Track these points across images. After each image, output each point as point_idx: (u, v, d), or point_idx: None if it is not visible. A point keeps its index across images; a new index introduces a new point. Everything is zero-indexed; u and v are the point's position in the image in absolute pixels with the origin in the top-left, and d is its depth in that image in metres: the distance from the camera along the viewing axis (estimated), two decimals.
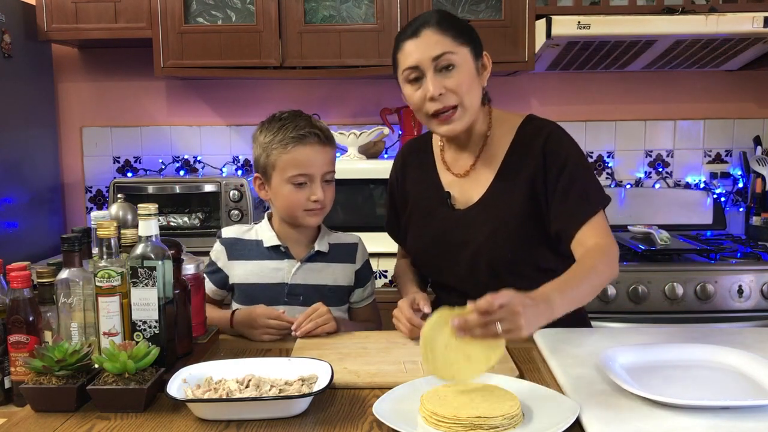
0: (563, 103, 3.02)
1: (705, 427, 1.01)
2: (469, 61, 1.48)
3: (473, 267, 1.53)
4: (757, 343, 1.38)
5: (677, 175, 3.03)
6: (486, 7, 2.63)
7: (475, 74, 1.49)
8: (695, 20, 2.38)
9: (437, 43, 1.45)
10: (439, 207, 1.60)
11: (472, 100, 1.49)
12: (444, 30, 1.46)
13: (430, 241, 1.62)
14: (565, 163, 1.48)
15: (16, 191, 2.61)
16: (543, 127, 1.54)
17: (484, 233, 1.52)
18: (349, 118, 3.01)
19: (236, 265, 1.68)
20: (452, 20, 1.50)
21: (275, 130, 1.59)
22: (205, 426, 1.09)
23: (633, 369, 1.22)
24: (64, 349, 1.17)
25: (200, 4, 2.63)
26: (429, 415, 1.04)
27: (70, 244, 1.26)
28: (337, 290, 1.69)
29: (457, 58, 1.46)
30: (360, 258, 1.73)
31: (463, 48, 1.47)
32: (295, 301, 1.64)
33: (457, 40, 1.46)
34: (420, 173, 1.67)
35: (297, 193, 1.58)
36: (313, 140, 1.57)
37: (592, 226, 1.45)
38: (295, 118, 1.60)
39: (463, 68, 1.47)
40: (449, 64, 1.46)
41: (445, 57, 1.45)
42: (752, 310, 2.34)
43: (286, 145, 1.56)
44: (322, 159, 1.59)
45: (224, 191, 2.65)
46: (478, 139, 1.57)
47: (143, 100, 3.04)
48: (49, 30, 2.64)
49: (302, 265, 1.66)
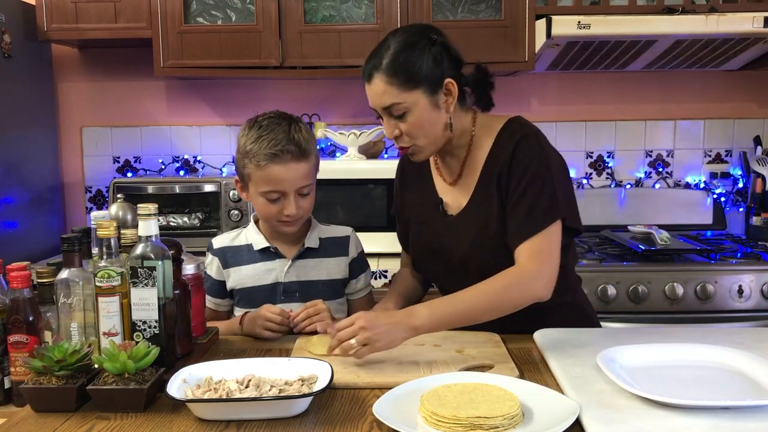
0: (563, 103, 3.02)
1: (705, 427, 1.01)
2: (421, 102, 1.44)
3: (465, 272, 1.53)
4: (757, 343, 1.38)
5: (677, 175, 3.03)
6: (486, 7, 2.63)
7: (431, 111, 1.46)
8: (695, 20, 2.38)
9: (384, 93, 1.44)
10: (433, 213, 1.61)
11: (429, 137, 1.48)
12: (391, 77, 1.43)
13: (426, 247, 1.63)
14: (524, 173, 1.46)
15: (16, 191, 2.61)
16: (516, 132, 1.51)
17: (467, 241, 1.53)
18: (349, 118, 3.01)
19: (232, 272, 1.69)
20: (405, 59, 1.43)
21: (253, 140, 1.55)
22: (205, 426, 1.09)
23: (633, 369, 1.22)
24: (64, 349, 1.16)
25: (200, 4, 2.63)
26: (429, 415, 1.04)
27: (70, 244, 1.26)
28: (332, 284, 1.70)
29: (406, 105, 1.44)
30: (353, 249, 1.74)
31: (414, 93, 1.43)
32: (291, 298, 1.66)
33: (405, 87, 1.43)
34: (417, 180, 1.67)
35: (270, 206, 1.58)
36: (287, 157, 1.54)
37: (529, 245, 1.43)
38: (273, 129, 1.55)
39: (414, 112, 1.44)
40: (401, 113, 1.45)
41: (395, 107, 1.44)
42: (752, 310, 2.34)
43: (259, 162, 1.54)
44: (296, 175, 1.56)
45: (224, 191, 2.65)
46: (461, 147, 1.56)
47: (143, 100, 3.04)
48: (49, 30, 2.64)
49: (294, 263, 1.68)
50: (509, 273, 1.41)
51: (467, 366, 1.33)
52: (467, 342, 1.47)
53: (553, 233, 1.44)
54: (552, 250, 1.44)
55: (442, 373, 1.26)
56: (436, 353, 1.41)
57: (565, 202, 1.48)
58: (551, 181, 1.46)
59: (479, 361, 1.35)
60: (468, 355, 1.39)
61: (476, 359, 1.36)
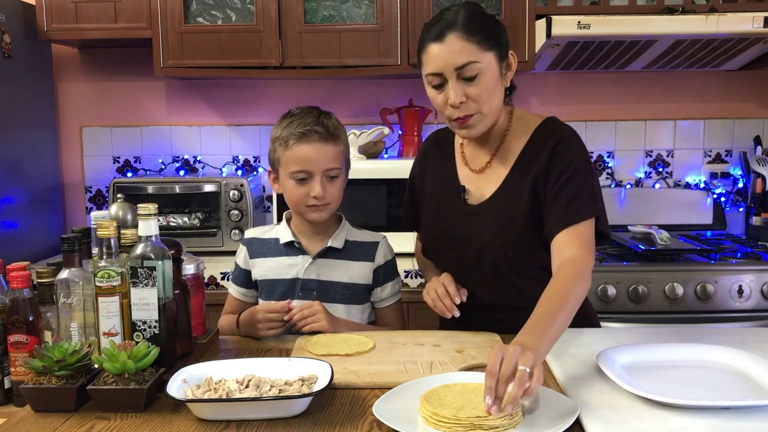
0: (563, 103, 3.02)
1: (705, 427, 1.01)
2: (493, 66, 1.44)
3: (478, 263, 1.54)
4: (757, 343, 1.38)
5: (677, 175, 3.03)
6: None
7: (498, 78, 1.46)
8: (695, 20, 2.38)
9: (462, 50, 1.40)
10: (453, 200, 1.61)
11: (492, 106, 1.47)
12: (470, 35, 1.40)
13: (440, 233, 1.62)
14: (566, 168, 1.48)
15: (16, 191, 2.61)
16: (557, 130, 1.53)
17: (490, 230, 1.53)
18: (349, 118, 3.00)
19: (257, 262, 1.71)
20: (480, 21, 1.44)
21: (284, 126, 1.62)
22: (205, 426, 1.09)
23: (633, 369, 1.22)
24: (64, 349, 1.17)
25: (200, 4, 2.63)
26: (429, 415, 1.04)
27: (70, 244, 1.26)
28: (354, 288, 1.68)
29: (481, 66, 1.41)
30: (381, 256, 1.71)
31: (489, 53, 1.42)
32: (308, 296, 1.65)
33: (483, 46, 1.41)
34: (439, 165, 1.67)
35: (299, 188, 1.61)
36: (314, 137, 1.59)
37: (572, 233, 1.42)
38: (304, 115, 1.62)
39: (486, 75, 1.42)
40: (473, 75, 1.42)
41: (469, 67, 1.41)
42: (752, 310, 2.34)
43: (288, 141, 1.59)
44: (323, 155, 1.59)
45: (224, 191, 2.65)
46: (496, 137, 1.57)
47: (143, 100, 3.04)
48: (49, 30, 2.64)
49: (315, 261, 1.67)
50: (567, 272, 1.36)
51: (467, 366, 1.33)
52: (467, 342, 1.47)
53: (591, 227, 1.46)
54: (593, 242, 1.45)
55: (442, 373, 1.26)
56: (436, 353, 1.41)
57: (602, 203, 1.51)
58: (592, 180, 1.49)
59: (479, 361, 1.35)
60: (468, 355, 1.39)
61: (476, 359, 1.36)
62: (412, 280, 2.36)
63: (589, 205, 1.46)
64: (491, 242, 1.52)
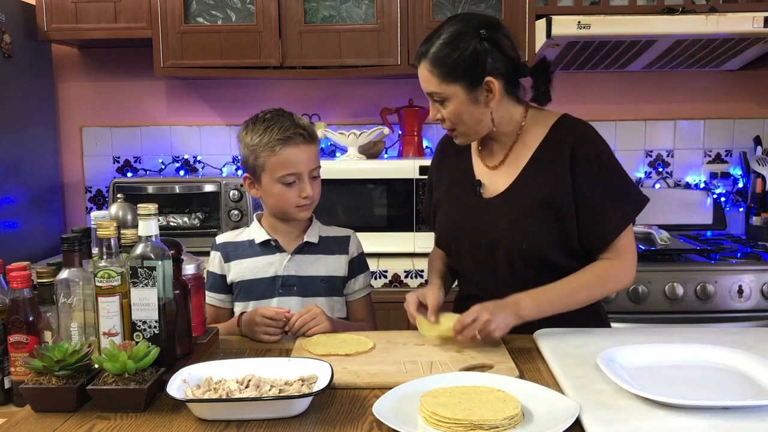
0: (563, 103, 2.98)
1: (705, 427, 1.01)
2: (459, 96, 1.49)
3: (491, 255, 1.56)
4: (757, 343, 1.38)
5: (677, 175, 3.03)
6: (486, 6, 2.62)
7: (469, 105, 1.50)
8: (695, 20, 2.38)
9: (426, 80, 1.51)
10: (468, 194, 1.62)
11: (469, 126, 1.54)
12: (433, 68, 1.48)
13: (455, 226, 1.64)
14: (597, 168, 1.50)
15: (16, 191, 2.61)
16: (576, 125, 1.56)
17: (504, 222, 1.54)
18: (349, 118, 3.01)
19: (233, 265, 1.72)
20: (448, 53, 1.47)
21: (261, 132, 1.62)
22: (205, 426, 1.09)
23: (633, 369, 1.22)
24: (64, 349, 1.16)
25: (200, 4, 2.63)
26: (429, 415, 1.04)
27: (70, 244, 1.26)
28: (331, 280, 1.72)
29: (445, 95, 1.50)
30: (354, 248, 1.77)
31: (452, 86, 1.48)
32: (289, 292, 1.67)
33: (446, 80, 1.48)
34: (456, 160, 1.69)
35: (288, 191, 1.63)
36: (299, 140, 1.62)
37: (624, 233, 1.52)
38: (279, 119, 1.64)
39: (453, 103, 1.50)
40: (441, 101, 1.51)
41: (436, 94, 1.51)
42: (752, 310, 2.34)
43: (273, 147, 1.61)
44: (308, 156, 1.64)
45: (224, 191, 2.65)
46: (510, 134, 1.59)
47: (143, 100, 3.04)
48: (49, 30, 2.64)
49: (293, 257, 1.69)
50: (594, 270, 1.52)
51: (467, 366, 1.33)
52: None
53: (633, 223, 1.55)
54: (631, 245, 1.56)
55: (442, 373, 1.26)
56: (436, 353, 1.41)
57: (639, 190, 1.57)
58: (624, 172, 1.55)
59: (479, 360, 1.35)
60: (468, 355, 1.39)
61: (476, 359, 1.36)
62: (412, 280, 2.36)
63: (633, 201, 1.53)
64: (504, 234, 1.54)
